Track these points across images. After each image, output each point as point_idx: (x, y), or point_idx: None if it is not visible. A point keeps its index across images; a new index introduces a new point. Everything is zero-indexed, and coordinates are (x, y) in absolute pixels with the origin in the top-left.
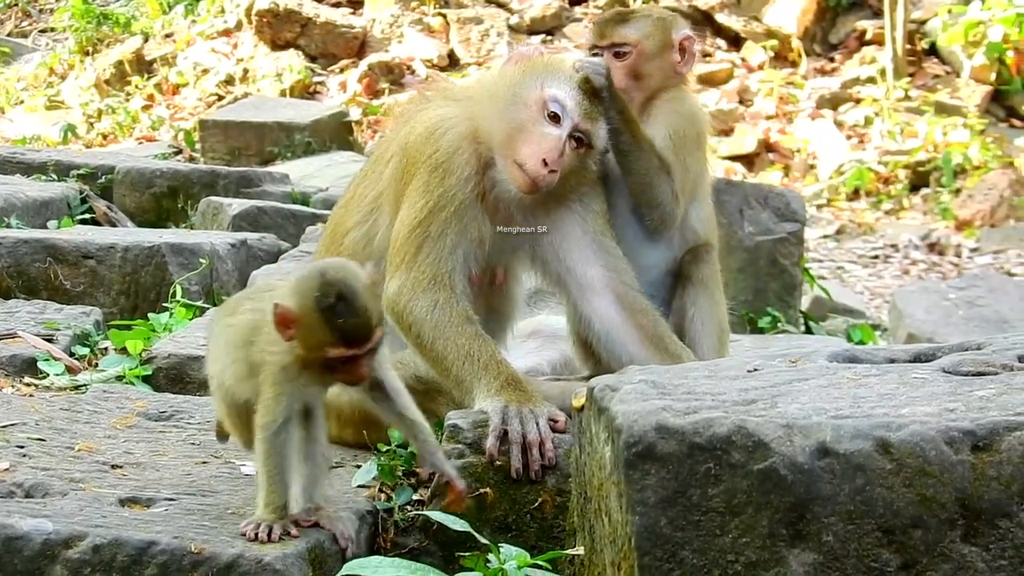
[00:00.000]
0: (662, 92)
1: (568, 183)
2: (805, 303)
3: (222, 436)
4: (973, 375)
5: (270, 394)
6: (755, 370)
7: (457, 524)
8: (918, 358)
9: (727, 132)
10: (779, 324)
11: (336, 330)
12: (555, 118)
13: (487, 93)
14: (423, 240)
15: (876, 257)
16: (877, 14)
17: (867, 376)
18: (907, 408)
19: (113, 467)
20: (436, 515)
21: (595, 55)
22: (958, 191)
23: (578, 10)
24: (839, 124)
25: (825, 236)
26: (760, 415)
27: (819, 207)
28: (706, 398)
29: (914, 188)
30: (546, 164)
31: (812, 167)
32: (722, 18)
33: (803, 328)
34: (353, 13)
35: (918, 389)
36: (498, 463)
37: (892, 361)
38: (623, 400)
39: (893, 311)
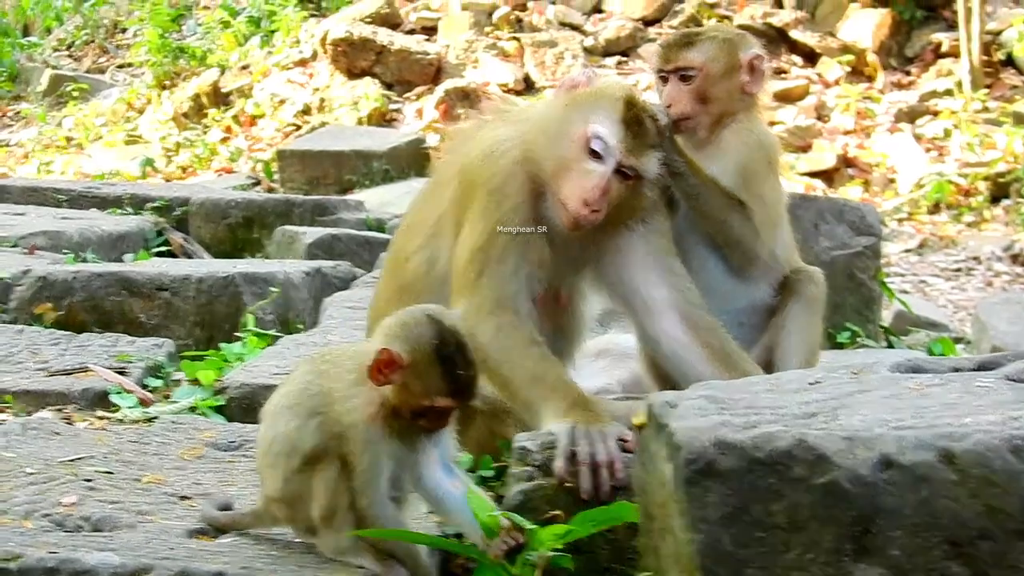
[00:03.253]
0: (730, 117)
1: (625, 208)
2: (887, 318)
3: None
4: None
5: (365, 462)
6: (817, 382)
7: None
8: (982, 367)
9: (805, 148)
10: (858, 339)
11: (451, 380)
12: (598, 155)
13: (538, 121)
14: (484, 264)
15: (958, 270)
16: (952, 26)
17: (930, 386)
18: (970, 417)
19: (181, 498)
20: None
21: (661, 79)
22: None
23: (652, 30)
24: (918, 137)
25: (907, 250)
26: (821, 428)
27: (900, 221)
28: (766, 412)
29: (995, 199)
30: (587, 204)
31: (892, 181)
32: (797, 34)
33: (884, 343)
34: (428, 40)
35: (982, 398)
36: (568, 485)
37: (956, 370)
38: (682, 416)
39: (976, 323)
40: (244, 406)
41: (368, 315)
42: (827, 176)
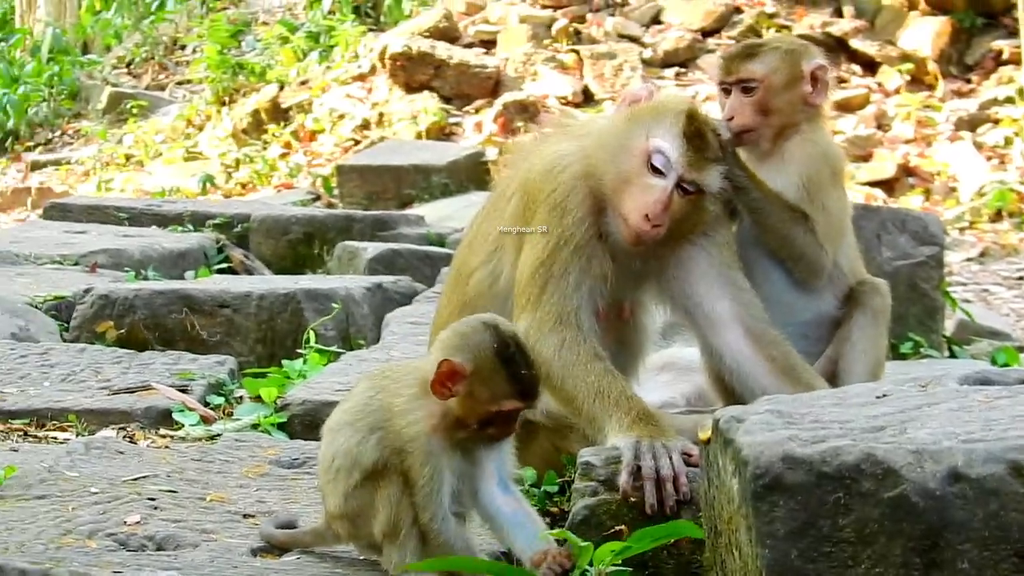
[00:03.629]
0: (793, 129)
1: (687, 222)
2: (950, 327)
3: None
4: None
5: (426, 475)
6: (884, 396)
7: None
8: None
9: (866, 158)
10: (921, 349)
11: (516, 381)
12: (659, 170)
13: (599, 136)
14: (547, 279)
15: (1021, 278)
16: (1012, 34)
17: (998, 398)
18: None
19: (245, 516)
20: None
21: (723, 91)
22: None
23: (711, 41)
24: (978, 145)
25: (968, 259)
26: (889, 442)
27: (961, 230)
28: (833, 426)
29: None
30: (649, 219)
31: (953, 190)
32: (856, 43)
33: (947, 352)
34: (486, 53)
35: None
36: (632, 499)
37: (1023, 382)
38: (749, 431)
39: None
40: (306, 423)
41: (430, 331)
42: (888, 185)
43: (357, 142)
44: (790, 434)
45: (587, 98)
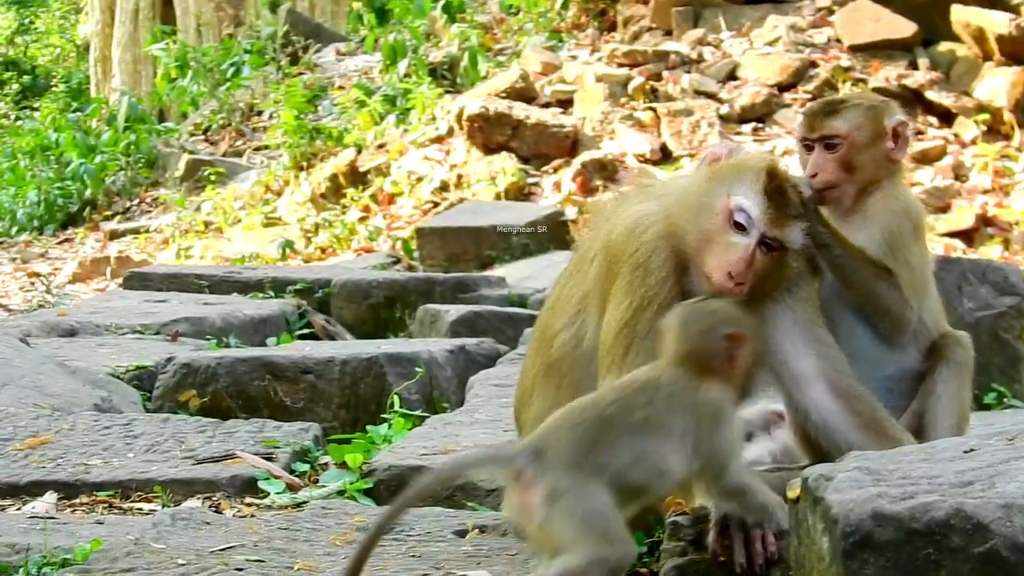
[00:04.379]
0: (875, 185)
1: (770, 279)
2: None
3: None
4: None
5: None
6: (971, 450)
7: None
8: None
9: (944, 209)
10: (1005, 399)
11: None
12: (741, 227)
13: (680, 195)
14: (631, 340)
15: None
16: None
17: None
18: None
19: None
20: None
21: (806, 147)
22: None
23: (787, 96)
24: None
25: None
26: (978, 497)
27: None
28: (922, 482)
29: None
30: (732, 277)
31: None
32: (932, 95)
33: None
34: (563, 113)
35: None
36: (721, 559)
37: None
38: (838, 489)
39: None
40: (393, 488)
41: (515, 393)
42: (967, 236)
43: (436, 204)
44: (879, 491)
45: (665, 155)
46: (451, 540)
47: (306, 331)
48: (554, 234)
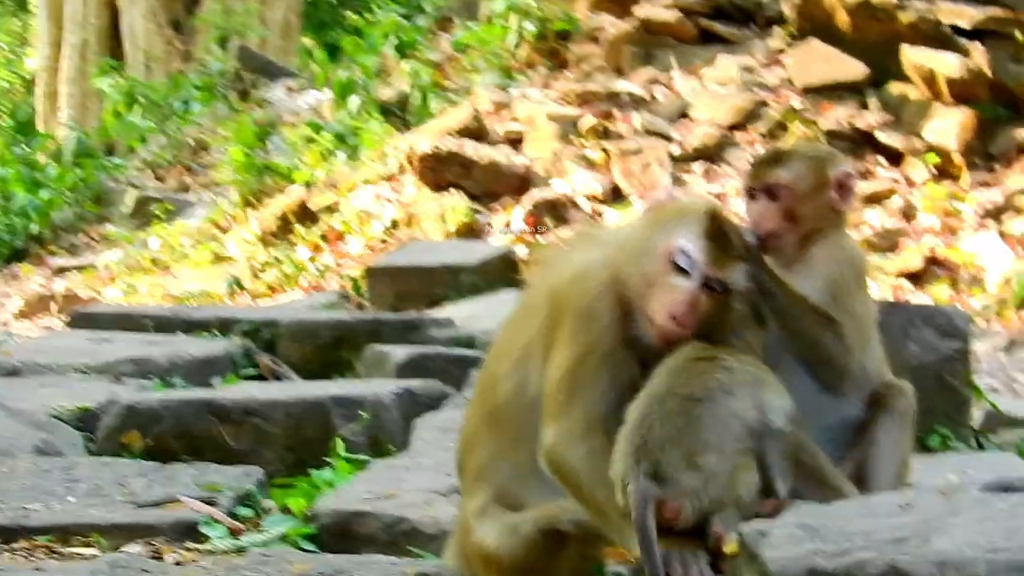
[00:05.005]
0: (819, 234)
1: (715, 324)
2: (978, 417)
3: None
4: None
5: None
6: (908, 505)
7: None
8: None
9: (892, 249)
10: (949, 442)
11: None
12: (683, 270)
13: (622, 242)
14: (575, 387)
15: None
16: None
17: (1020, 506)
18: None
19: None
20: None
21: (749, 196)
22: None
23: (739, 136)
24: (1004, 235)
25: (996, 349)
26: (912, 553)
27: (988, 320)
28: (857, 538)
29: None
30: (676, 320)
31: (979, 280)
32: (882, 136)
33: (974, 444)
34: (515, 151)
35: None
36: None
37: None
38: (773, 545)
39: None
40: (336, 533)
41: (458, 441)
42: (915, 277)
43: (386, 242)
44: (815, 547)
45: (616, 195)
46: None
47: (252, 371)
48: (503, 273)
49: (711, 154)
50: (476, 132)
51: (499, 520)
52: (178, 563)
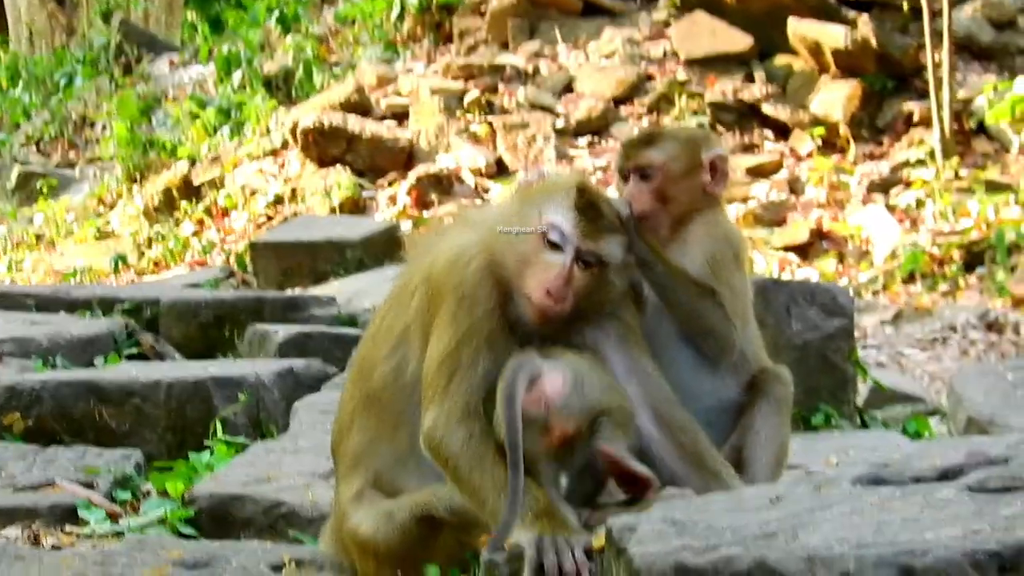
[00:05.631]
0: (694, 214)
1: (592, 299)
2: (864, 392)
3: None
4: (1000, 491)
5: None
6: (778, 499)
7: None
8: (944, 476)
9: (779, 223)
10: (832, 421)
11: None
12: (556, 244)
13: (496, 222)
14: (454, 371)
15: (934, 340)
16: (923, 95)
17: (891, 500)
18: (931, 532)
19: None
20: None
21: (622, 177)
22: (1013, 268)
23: (623, 109)
24: (891, 208)
25: (883, 322)
26: (781, 548)
27: (875, 293)
28: (726, 533)
29: (969, 268)
30: (551, 295)
31: (866, 253)
32: (768, 108)
33: (859, 422)
34: (399, 126)
35: (943, 511)
36: None
37: (918, 480)
38: (641, 541)
39: (951, 395)
40: (215, 516)
41: (334, 425)
42: (802, 250)
43: (271, 218)
44: (683, 543)
45: (501, 169)
46: (267, 575)
47: (135, 351)
48: (388, 248)
49: (596, 128)
50: (360, 106)
51: (375, 506)
52: (55, 547)
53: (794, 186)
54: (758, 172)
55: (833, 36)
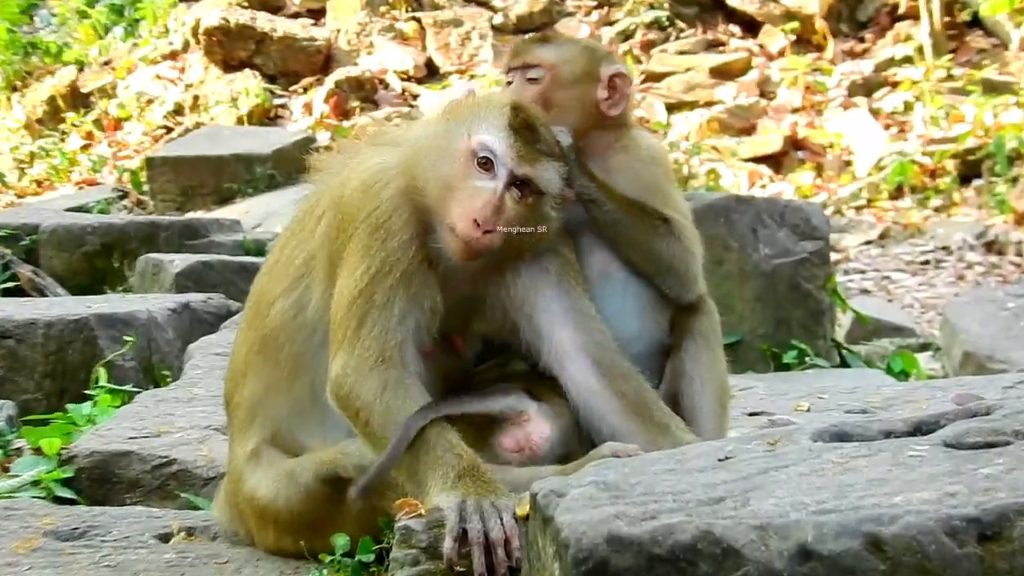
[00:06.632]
0: (607, 139)
1: (526, 234)
2: (845, 323)
3: None
4: (980, 447)
5: None
6: (727, 458)
7: None
8: (918, 429)
9: (748, 130)
10: (807, 358)
11: None
12: (487, 166)
13: (419, 142)
14: (366, 311)
15: (927, 262)
16: None
17: (855, 458)
18: (901, 496)
19: None
20: None
21: (509, 80)
22: (1015, 180)
23: (570, 3)
24: (875, 113)
25: (867, 242)
26: (729, 516)
27: (858, 209)
28: (667, 499)
29: (965, 180)
30: (479, 224)
31: (848, 164)
32: (734, 1)
33: (837, 359)
34: (315, 24)
35: (914, 471)
36: (458, 569)
37: (888, 435)
38: (569, 508)
39: (945, 326)
40: (96, 477)
41: (227, 372)
42: (774, 161)
43: (170, 130)
44: (617, 510)
45: (431, 71)
46: (152, 546)
47: (11, 285)
48: (303, 163)
49: (539, 24)
50: (271, 2)
51: (274, 466)
52: None
53: (764, 89)
54: (723, 73)
55: None
